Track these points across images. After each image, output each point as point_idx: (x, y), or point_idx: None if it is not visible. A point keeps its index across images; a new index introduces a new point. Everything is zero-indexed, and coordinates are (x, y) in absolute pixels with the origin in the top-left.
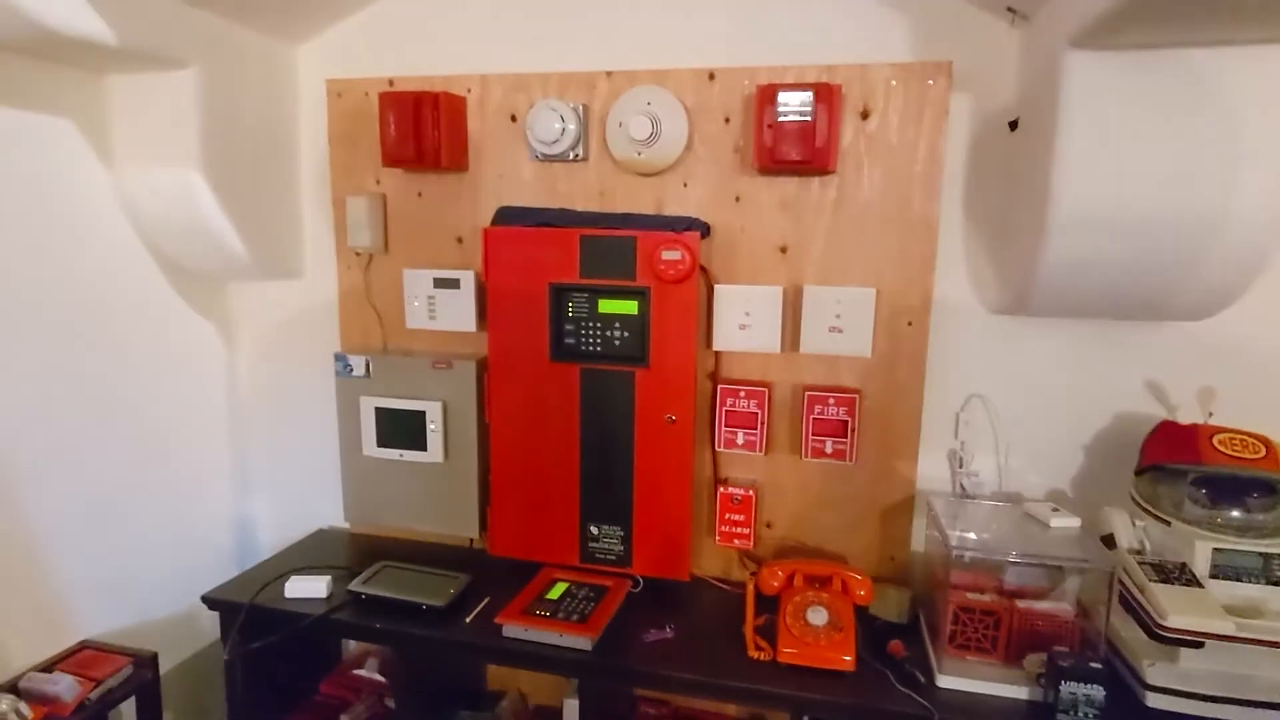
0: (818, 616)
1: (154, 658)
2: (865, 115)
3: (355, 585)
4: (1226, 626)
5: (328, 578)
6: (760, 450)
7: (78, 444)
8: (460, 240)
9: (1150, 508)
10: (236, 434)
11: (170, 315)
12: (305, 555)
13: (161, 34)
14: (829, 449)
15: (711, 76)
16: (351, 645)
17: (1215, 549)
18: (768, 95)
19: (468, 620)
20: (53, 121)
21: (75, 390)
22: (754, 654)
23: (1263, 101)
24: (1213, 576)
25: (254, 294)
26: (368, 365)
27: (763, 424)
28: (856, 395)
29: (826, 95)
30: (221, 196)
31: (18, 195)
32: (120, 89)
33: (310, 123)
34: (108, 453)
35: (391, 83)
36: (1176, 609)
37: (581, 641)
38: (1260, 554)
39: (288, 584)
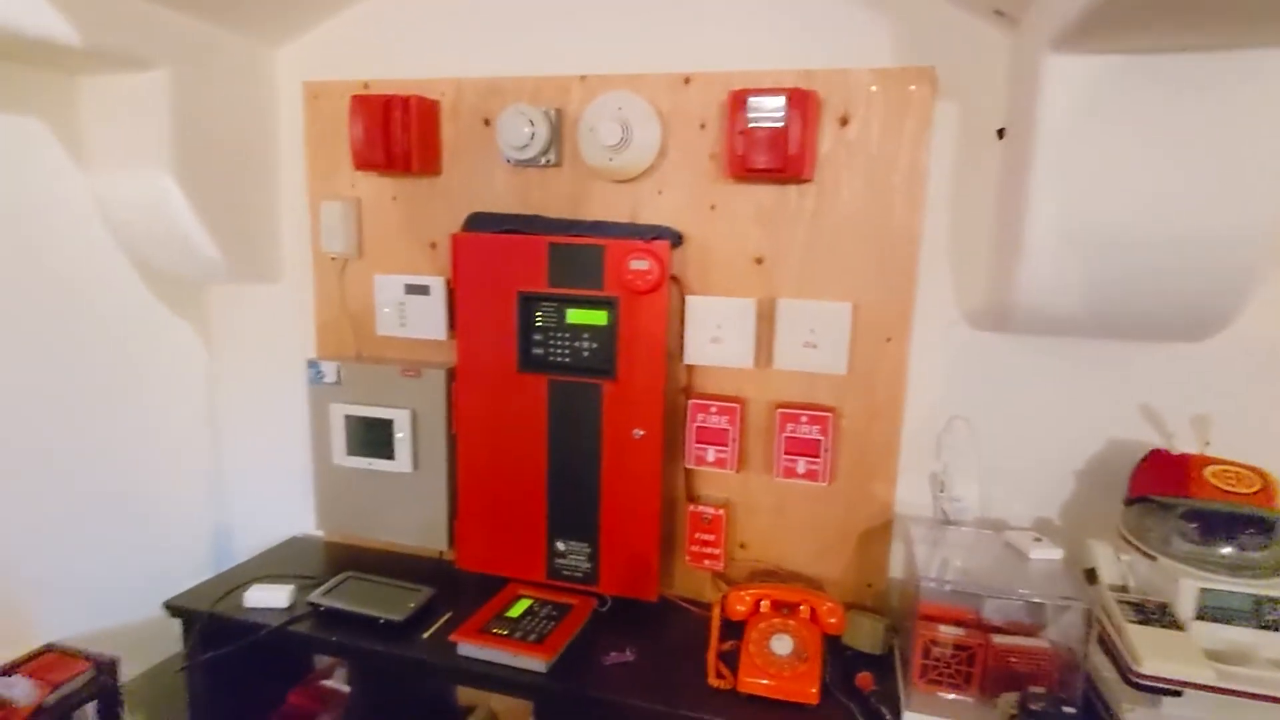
0: (782, 645)
1: (114, 663)
2: (845, 122)
3: (315, 596)
4: (1206, 675)
5: (290, 587)
6: (732, 468)
7: (50, 446)
8: (434, 246)
9: (1137, 541)
10: (213, 438)
11: (146, 317)
12: (275, 563)
13: (128, 35)
14: (801, 469)
15: (687, 81)
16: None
17: (1203, 588)
18: (739, 100)
19: (425, 636)
20: (24, 122)
21: (47, 392)
22: (714, 682)
23: (1254, 108)
24: (1199, 618)
25: (232, 297)
26: (339, 372)
27: (734, 441)
28: (831, 414)
29: (800, 101)
30: (194, 200)
31: None
32: (91, 90)
33: (289, 125)
34: (81, 455)
35: (367, 85)
36: (1152, 654)
37: (536, 663)
38: (1251, 595)
39: (248, 593)
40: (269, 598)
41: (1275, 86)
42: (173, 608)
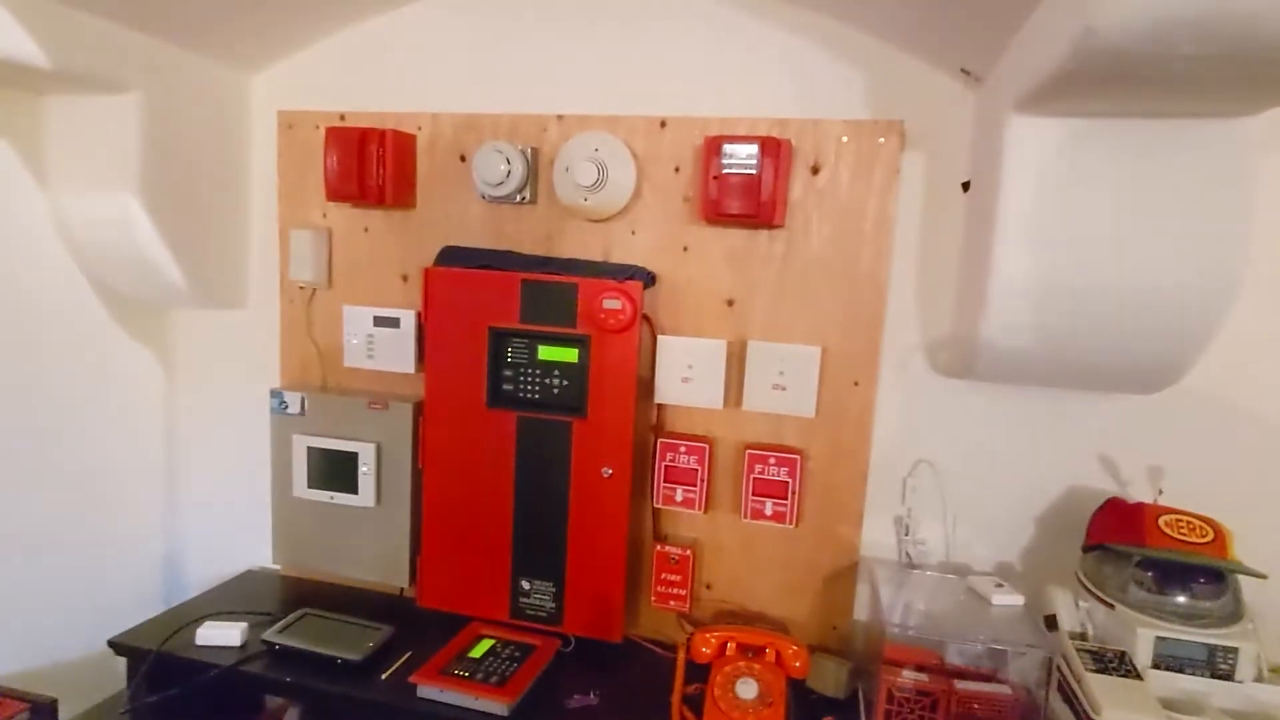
0: (747, 689)
1: (53, 704)
2: (816, 170)
3: (270, 634)
4: None
5: (244, 625)
6: (700, 508)
7: None
8: (405, 278)
9: (1095, 589)
10: (169, 466)
11: (105, 342)
12: (229, 598)
13: (100, 58)
14: (769, 510)
15: (663, 124)
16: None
17: (1159, 637)
18: (713, 147)
19: (384, 677)
20: None
21: None
22: None
23: (1207, 175)
24: (1155, 666)
25: (195, 323)
26: (303, 402)
27: (703, 481)
28: (799, 456)
29: (773, 149)
30: (160, 223)
31: None
32: (58, 110)
33: (262, 153)
34: (29, 482)
35: (343, 117)
36: (1111, 703)
37: (497, 706)
38: (1205, 644)
39: (200, 630)
40: (221, 635)
41: (1229, 153)
42: (117, 645)
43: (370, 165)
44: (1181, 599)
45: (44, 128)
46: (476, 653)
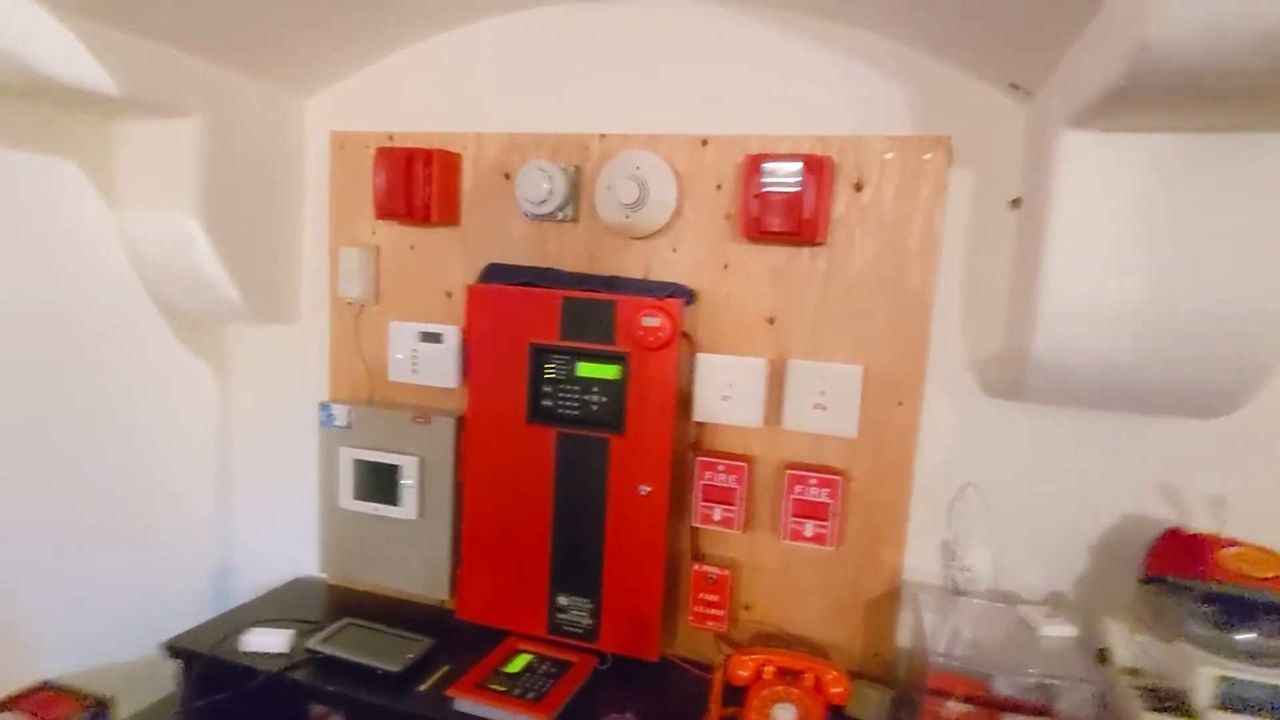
0: (785, 714)
1: (107, 704)
2: (859, 187)
3: (314, 643)
4: None
5: (290, 632)
6: (739, 528)
7: (56, 478)
8: (449, 295)
9: (1152, 622)
10: (222, 475)
11: (165, 354)
12: (277, 605)
13: (163, 83)
14: (809, 531)
15: (705, 143)
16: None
17: (1222, 676)
18: (755, 164)
19: (421, 689)
20: (58, 163)
21: (60, 424)
22: None
23: (1270, 191)
24: (1218, 708)
25: (250, 337)
26: (350, 415)
27: (742, 500)
28: (840, 477)
29: (816, 167)
30: (218, 243)
31: (21, 233)
32: (126, 134)
33: (314, 172)
34: (86, 488)
35: (391, 137)
36: None
37: None
38: (1272, 686)
39: (247, 636)
40: (268, 642)
41: None
42: (172, 648)
43: (417, 184)
44: (1246, 636)
45: (112, 150)
46: (513, 668)
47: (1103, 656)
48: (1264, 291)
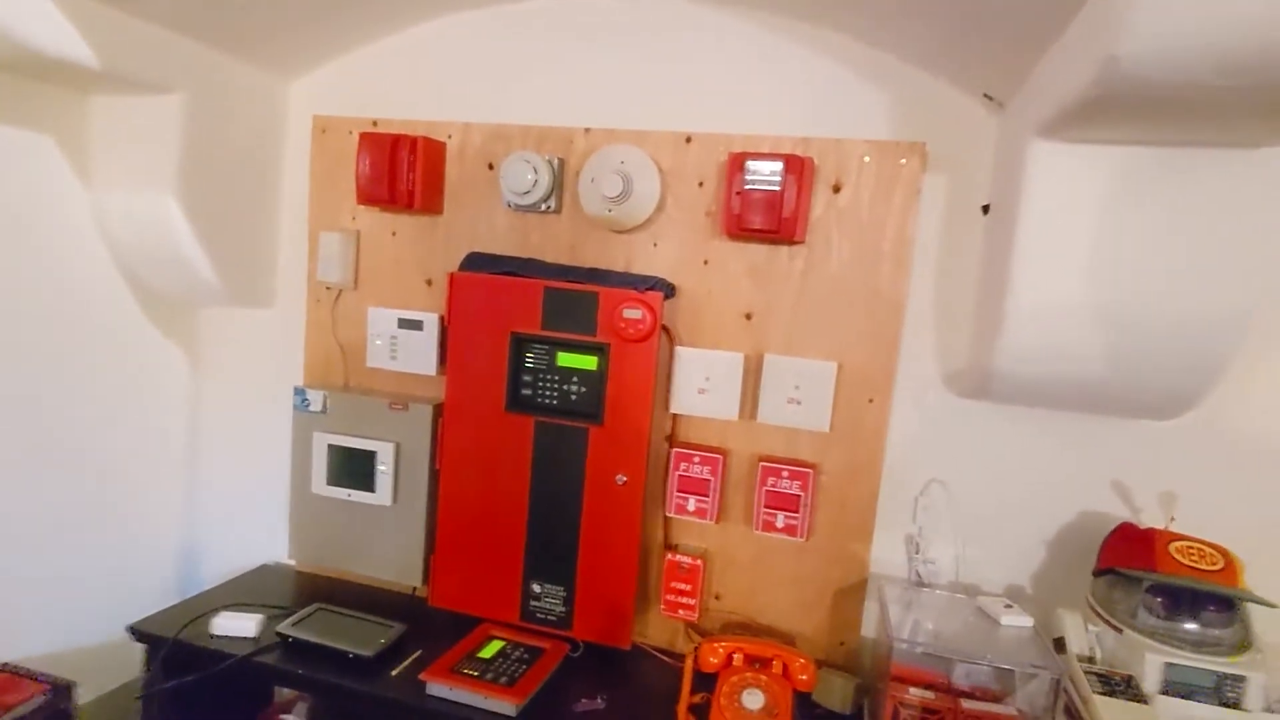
0: (753, 700)
1: (70, 686)
2: (837, 189)
3: (284, 627)
4: None
5: (259, 616)
6: (712, 519)
7: (22, 461)
8: (429, 283)
9: (1104, 613)
10: (192, 460)
11: (135, 336)
12: (245, 591)
13: (147, 60)
14: (780, 523)
15: (689, 140)
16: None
17: (1168, 663)
18: (738, 162)
19: (394, 674)
20: (33, 138)
21: (26, 407)
22: None
23: (1228, 204)
24: (1163, 693)
25: (224, 320)
26: (325, 401)
27: (715, 491)
28: (812, 470)
29: (797, 167)
30: (196, 223)
31: None
32: (103, 109)
33: (296, 156)
34: (55, 471)
35: (375, 123)
36: None
37: (506, 706)
38: (1213, 672)
39: (215, 620)
40: (237, 626)
41: (1248, 182)
42: (137, 632)
43: (401, 171)
44: (1191, 626)
45: (89, 126)
46: (486, 653)
47: (1059, 645)
48: (1216, 298)
